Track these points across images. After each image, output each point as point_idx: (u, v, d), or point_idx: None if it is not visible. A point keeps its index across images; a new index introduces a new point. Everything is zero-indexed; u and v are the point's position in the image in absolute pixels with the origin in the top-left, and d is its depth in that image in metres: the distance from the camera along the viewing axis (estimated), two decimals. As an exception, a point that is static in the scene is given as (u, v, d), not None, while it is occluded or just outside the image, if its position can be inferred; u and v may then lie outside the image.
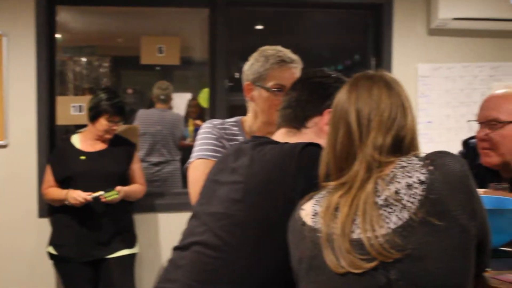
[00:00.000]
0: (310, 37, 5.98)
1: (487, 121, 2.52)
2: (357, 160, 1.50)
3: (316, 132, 1.88)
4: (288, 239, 1.57)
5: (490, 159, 2.53)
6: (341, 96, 1.59)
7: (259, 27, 6.51)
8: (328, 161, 1.56)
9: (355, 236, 1.41)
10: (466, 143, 2.79)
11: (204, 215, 1.77)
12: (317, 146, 1.71)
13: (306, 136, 1.86)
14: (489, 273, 1.72)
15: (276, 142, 1.81)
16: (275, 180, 1.67)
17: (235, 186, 1.73)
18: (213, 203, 1.77)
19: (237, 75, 4.33)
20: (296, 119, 1.89)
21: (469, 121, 2.63)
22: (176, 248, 1.83)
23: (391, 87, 1.56)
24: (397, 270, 1.37)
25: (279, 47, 2.49)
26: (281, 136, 1.89)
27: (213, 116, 4.43)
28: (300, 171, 1.64)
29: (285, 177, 1.65)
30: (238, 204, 1.70)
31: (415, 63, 4.58)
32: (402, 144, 1.52)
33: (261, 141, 1.83)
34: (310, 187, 1.60)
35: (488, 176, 2.59)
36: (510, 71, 4.62)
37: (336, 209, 1.46)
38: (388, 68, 4.48)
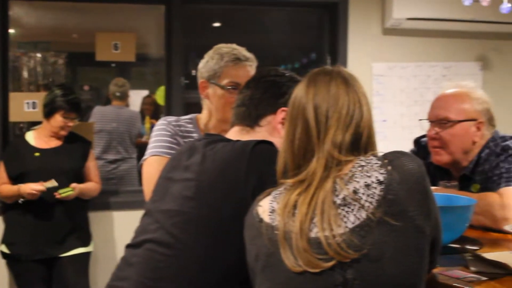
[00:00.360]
0: (268, 35, 6.00)
1: (438, 120, 2.56)
2: (315, 157, 1.49)
3: (270, 130, 1.89)
4: (244, 235, 1.56)
5: (440, 157, 2.58)
6: (299, 92, 1.58)
7: (216, 24, 6.50)
8: (285, 158, 1.55)
9: (313, 235, 1.41)
10: (417, 141, 2.83)
11: (157, 213, 1.77)
12: (269, 144, 1.73)
13: (260, 134, 1.87)
14: (437, 270, 1.75)
15: (229, 140, 1.82)
16: (226, 178, 1.68)
17: (188, 184, 1.73)
18: (166, 200, 1.78)
19: (194, 72, 4.31)
20: (250, 117, 1.90)
21: (421, 119, 2.67)
22: (128, 246, 1.82)
23: (349, 83, 1.56)
24: (354, 270, 1.38)
25: (234, 45, 2.50)
26: (234, 134, 1.90)
27: (169, 114, 4.41)
28: (252, 169, 1.65)
29: (237, 174, 1.66)
30: (190, 202, 1.70)
31: (370, 62, 4.63)
32: (360, 141, 1.52)
33: (214, 139, 1.84)
34: (262, 185, 1.61)
35: (439, 174, 2.65)
36: (462, 70, 4.71)
37: (294, 207, 1.45)
38: (344, 66, 4.51)
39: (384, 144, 4.27)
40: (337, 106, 1.52)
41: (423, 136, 2.73)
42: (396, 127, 4.61)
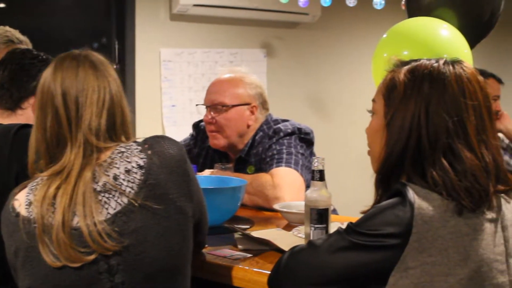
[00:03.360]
0: (56, 18, 5.79)
1: (213, 105, 2.64)
2: (69, 146, 1.46)
3: (32, 113, 1.84)
4: (2, 232, 1.49)
5: (217, 141, 2.66)
6: (46, 77, 1.52)
7: (1, 5, 6.16)
8: (38, 148, 1.50)
9: (74, 225, 1.38)
10: (197, 125, 2.89)
11: None
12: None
13: (22, 117, 1.82)
14: (206, 249, 1.81)
15: None
16: None
17: None
18: None
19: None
20: (11, 99, 1.83)
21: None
22: None
23: (97, 68, 1.52)
24: (117, 256, 1.39)
25: (7, 27, 2.48)
26: None
27: None
28: (15, 155, 1.60)
29: None
30: None
31: (158, 48, 4.61)
32: (115, 126, 1.51)
33: None
34: (25, 171, 1.56)
35: (218, 157, 2.73)
36: (248, 57, 4.87)
37: (53, 198, 1.41)
38: (132, 52, 4.48)
39: (174, 129, 4.33)
40: (87, 91, 1.48)
41: (202, 120, 2.79)
42: (185, 112, 4.66)
